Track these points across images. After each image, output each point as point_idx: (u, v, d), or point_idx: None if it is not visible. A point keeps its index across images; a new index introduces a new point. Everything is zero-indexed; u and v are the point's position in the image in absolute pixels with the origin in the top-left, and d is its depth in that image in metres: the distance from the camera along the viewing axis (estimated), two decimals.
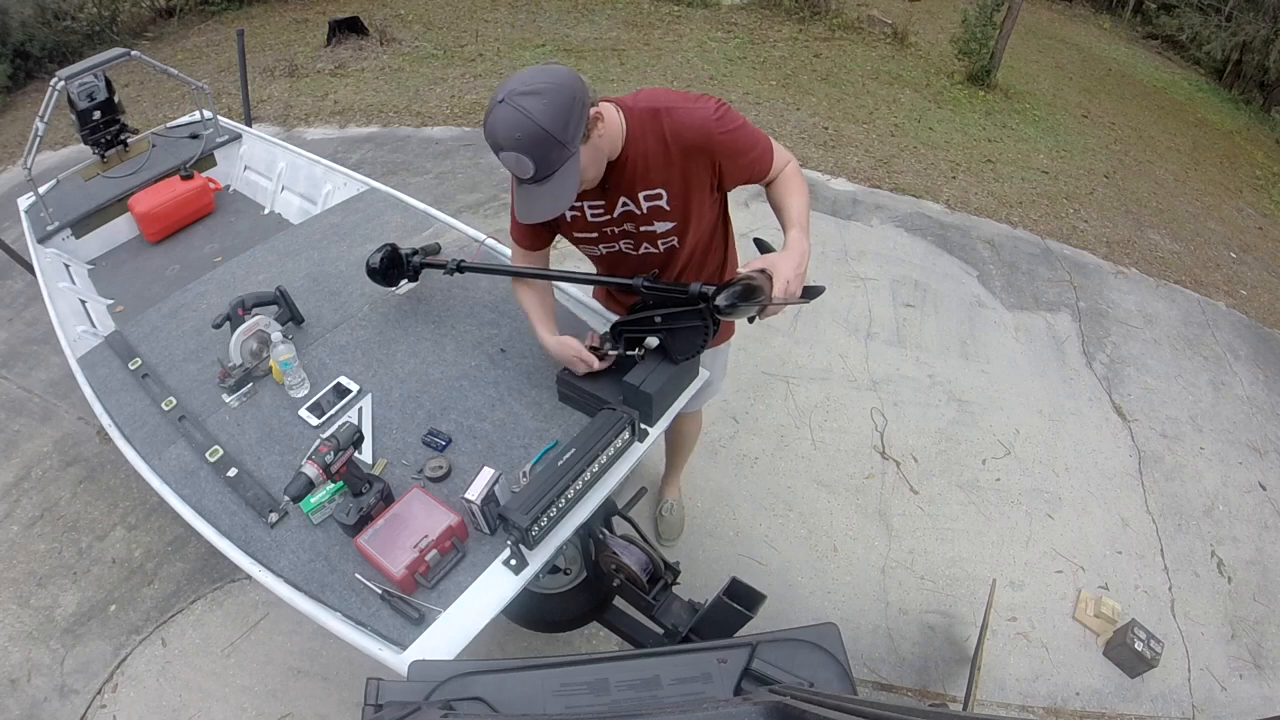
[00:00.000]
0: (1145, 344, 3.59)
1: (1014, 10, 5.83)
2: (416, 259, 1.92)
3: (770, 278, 1.27)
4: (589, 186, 1.37)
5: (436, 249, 2.06)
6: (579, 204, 1.45)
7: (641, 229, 1.47)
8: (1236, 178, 5.99)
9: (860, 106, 5.63)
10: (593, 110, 1.26)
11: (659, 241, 1.50)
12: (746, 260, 1.37)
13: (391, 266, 1.90)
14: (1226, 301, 4.06)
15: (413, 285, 2.05)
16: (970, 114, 5.80)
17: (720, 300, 1.29)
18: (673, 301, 1.45)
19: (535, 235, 1.58)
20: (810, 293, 1.32)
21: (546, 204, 1.27)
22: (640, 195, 1.41)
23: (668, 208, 1.43)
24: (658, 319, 1.49)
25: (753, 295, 1.27)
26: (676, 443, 2.41)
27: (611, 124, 1.32)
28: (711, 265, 1.68)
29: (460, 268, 1.80)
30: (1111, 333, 3.63)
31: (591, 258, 1.65)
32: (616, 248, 1.55)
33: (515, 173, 1.24)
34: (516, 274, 1.67)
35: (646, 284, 1.46)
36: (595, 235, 1.52)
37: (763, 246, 1.41)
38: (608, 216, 1.47)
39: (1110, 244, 4.36)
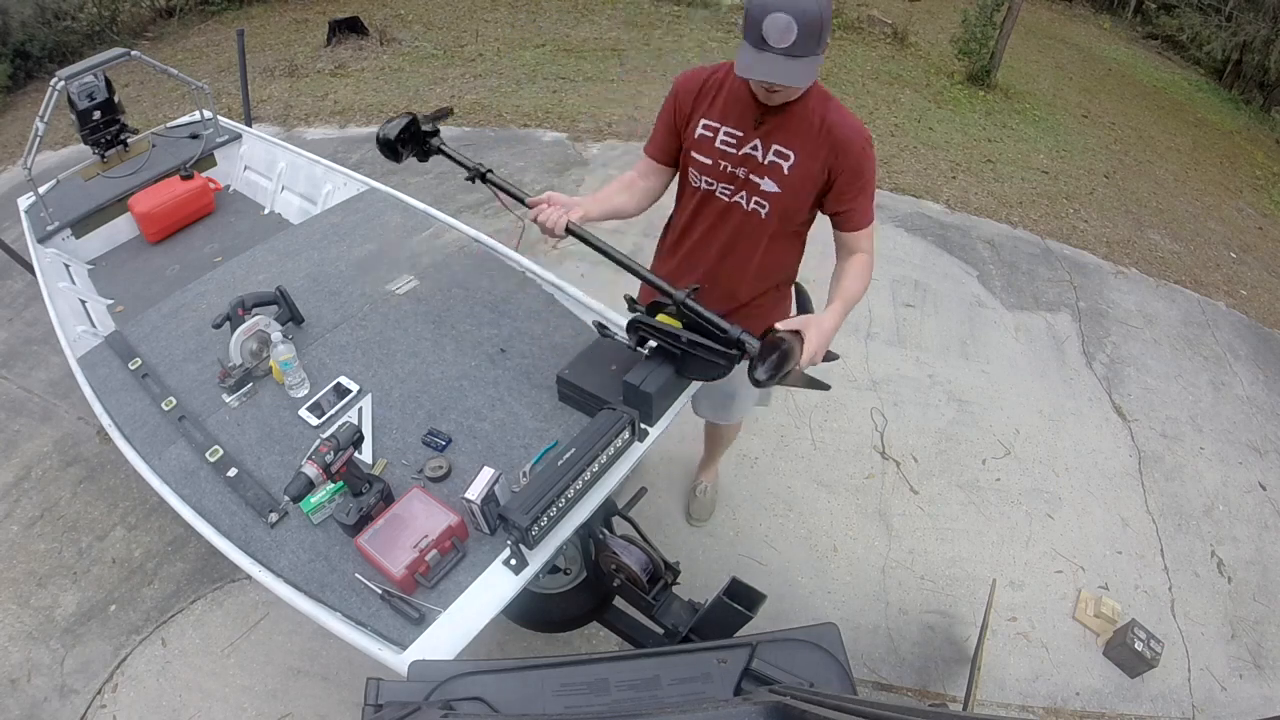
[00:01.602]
0: (1145, 344, 3.59)
1: (1014, 10, 5.83)
2: (435, 141, 1.76)
3: (801, 339, 1.32)
4: (780, 100, 1.41)
5: (449, 112, 1.91)
6: (720, 126, 1.50)
7: (750, 177, 1.50)
8: (1236, 178, 5.99)
9: (860, 106, 5.63)
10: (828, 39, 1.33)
11: (753, 199, 1.52)
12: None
13: (406, 142, 1.73)
14: (1226, 301, 4.06)
15: (413, 285, 2.05)
16: (970, 114, 5.80)
17: (759, 374, 1.31)
18: (708, 334, 1.45)
19: (663, 146, 1.61)
20: (817, 386, 1.45)
21: (791, 74, 1.29)
22: (774, 147, 1.46)
23: (787, 171, 1.47)
24: (684, 340, 1.48)
25: (785, 365, 1.30)
26: (713, 440, 2.49)
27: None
28: (761, 285, 1.71)
29: (485, 177, 1.67)
30: (1111, 333, 3.63)
31: (686, 187, 1.65)
32: (715, 188, 1.56)
33: (772, 37, 1.26)
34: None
35: (687, 303, 1.45)
36: (709, 162, 1.54)
37: (800, 294, 1.48)
38: (734, 151, 1.50)
39: (1110, 244, 4.36)
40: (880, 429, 2.97)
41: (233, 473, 1.57)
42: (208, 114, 3.00)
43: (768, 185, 1.49)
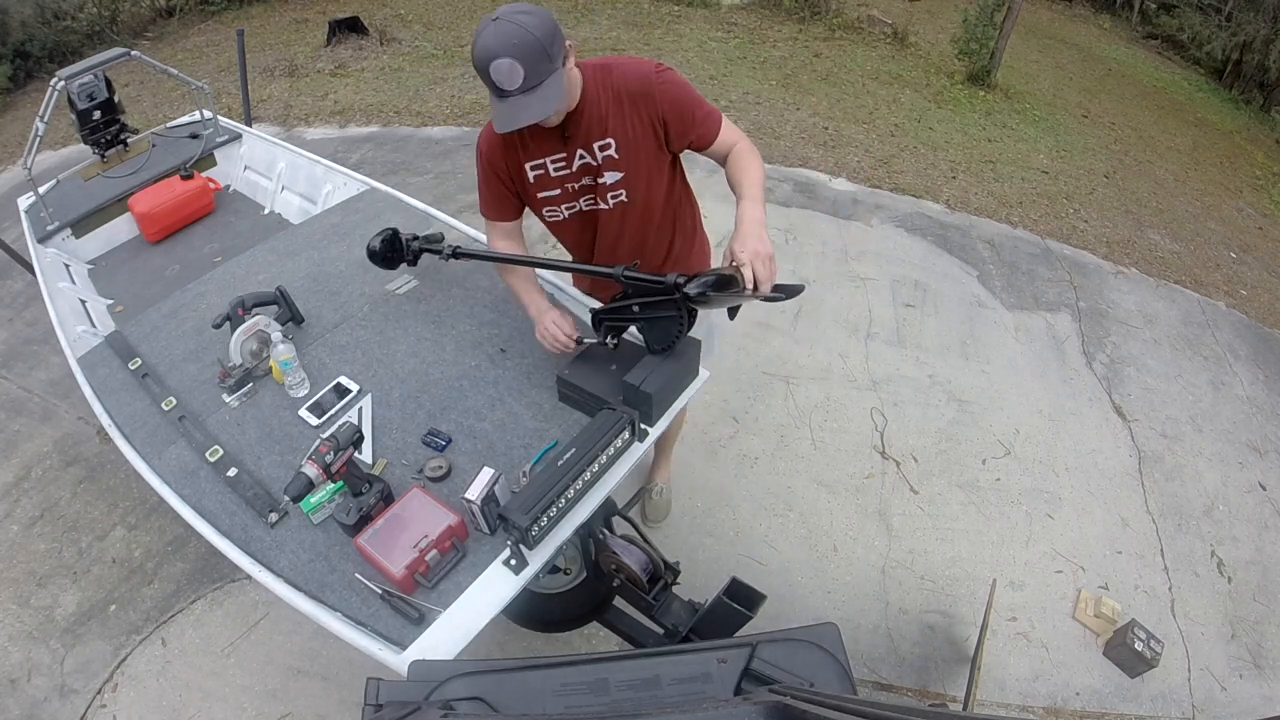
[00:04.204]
0: (1145, 344, 3.59)
1: (1014, 10, 5.83)
2: (416, 244, 1.94)
3: (738, 268, 1.29)
4: (556, 121, 1.42)
5: (440, 238, 2.05)
6: (543, 159, 1.51)
7: (598, 181, 1.52)
8: (1236, 178, 6.00)
9: (860, 106, 5.63)
10: (566, 43, 1.33)
11: (609, 195, 1.54)
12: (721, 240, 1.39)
13: (392, 250, 1.93)
14: (1226, 301, 4.06)
15: (413, 285, 2.05)
16: (970, 114, 5.80)
17: (691, 289, 1.32)
18: (649, 291, 1.47)
19: (506, 207, 1.65)
20: (789, 291, 1.34)
21: (536, 107, 1.30)
22: (595, 145, 1.48)
23: (617, 156, 1.49)
24: (635, 308, 1.51)
25: (726, 286, 1.28)
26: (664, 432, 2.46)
27: (573, 70, 1.40)
28: (681, 240, 1.73)
29: (456, 253, 1.81)
30: (1111, 333, 3.63)
31: (556, 226, 1.67)
32: (577, 207, 1.59)
33: (503, 82, 1.27)
34: (509, 261, 1.69)
35: (627, 274, 1.48)
36: (558, 193, 1.56)
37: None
38: (567, 170, 1.52)
39: (1110, 244, 4.37)
40: (880, 429, 2.97)
41: (233, 473, 1.57)
42: (208, 114, 3.00)
43: (612, 177, 1.51)
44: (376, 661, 1.24)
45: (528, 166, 1.53)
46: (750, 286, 1.27)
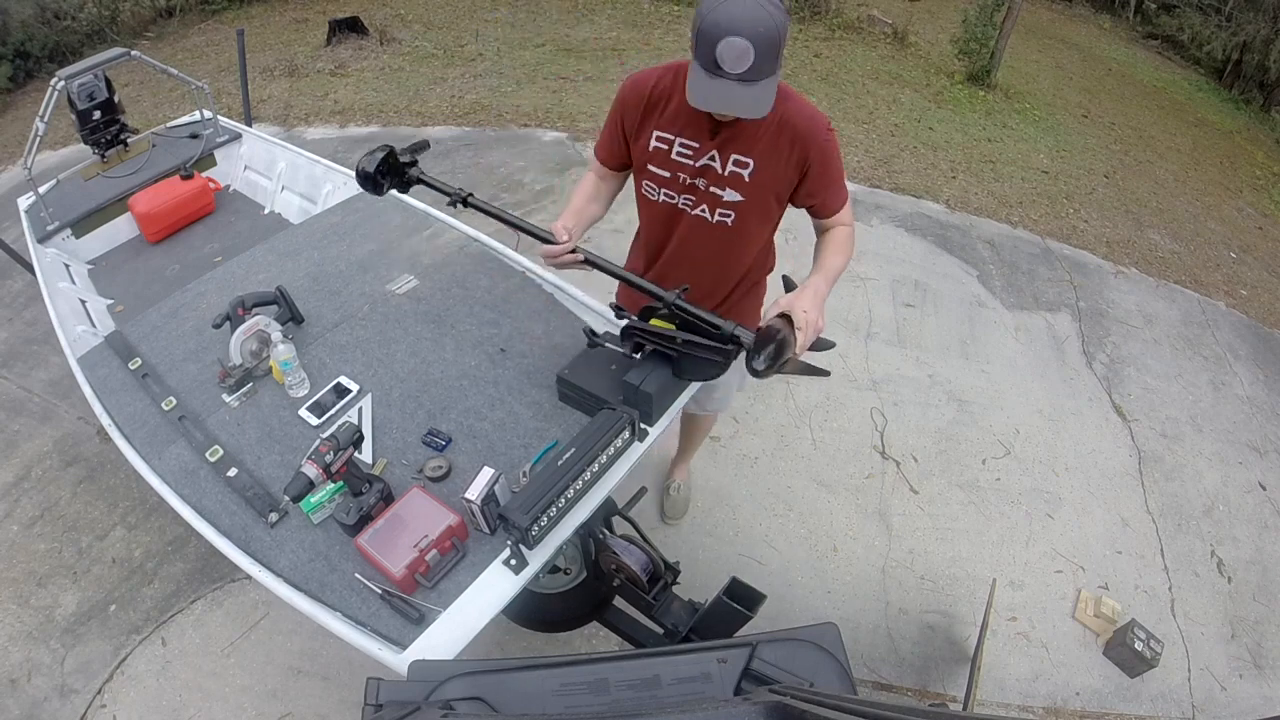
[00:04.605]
0: (1145, 344, 3.59)
1: (1014, 10, 5.83)
2: (414, 171, 1.72)
3: (789, 320, 1.29)
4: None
5: (425, 145, 1.84)
6: (675, 136, 1.45)
7: (711, 189, 1.47)
8: (1236, 178, 5.99)
9: (860, 106, 5.63)
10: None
11: (717, 210, 1.49)
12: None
13: (385, 174, 1.69)
14: (1226, 301, 4.06)
15: (413, 285, 2.05)
16: (970, 114, 5.80)
17: (758, 364, 1.27)
18: (699, 331, 1.43)
19: (613, 154, 1.58)
20: (820, 345, 1.37)
21: (749, 103, 1.24)
22: (731, 157, 1.42)
23: (748, 179, 1.43)
24: (679, 340, 1.46)
25: (783, 354, 1.28)
26: (689, 433, 2.49)
27: None
28: (745, 287, 1.71)
29: (467, 201, 1.64)
30: (1111, 333, 3.63)
31: (644, 200, 1.60)
32: (676, 200, 1.52)
33: (728, 62, 1.19)
34: (522, 227, 1.58)
35: (679, 304, 1.43)
36: (667, 175, 1.49)
37: (788, 285, 1.43)
38: (691, 163, 1.46)
39: (1110, 244, 4.37)
40: (880, 429, 2.97)
41: (233, 472, 1.57)
42: (208, 114, 3.00)
43: (730, 195, 1.45)
44: (376, 661, 1.24)
45: (655, 133, 1.46)
46: (798, 351, 1.28)
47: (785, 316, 1.31)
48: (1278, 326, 3.98)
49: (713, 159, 1.44)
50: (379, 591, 1.33)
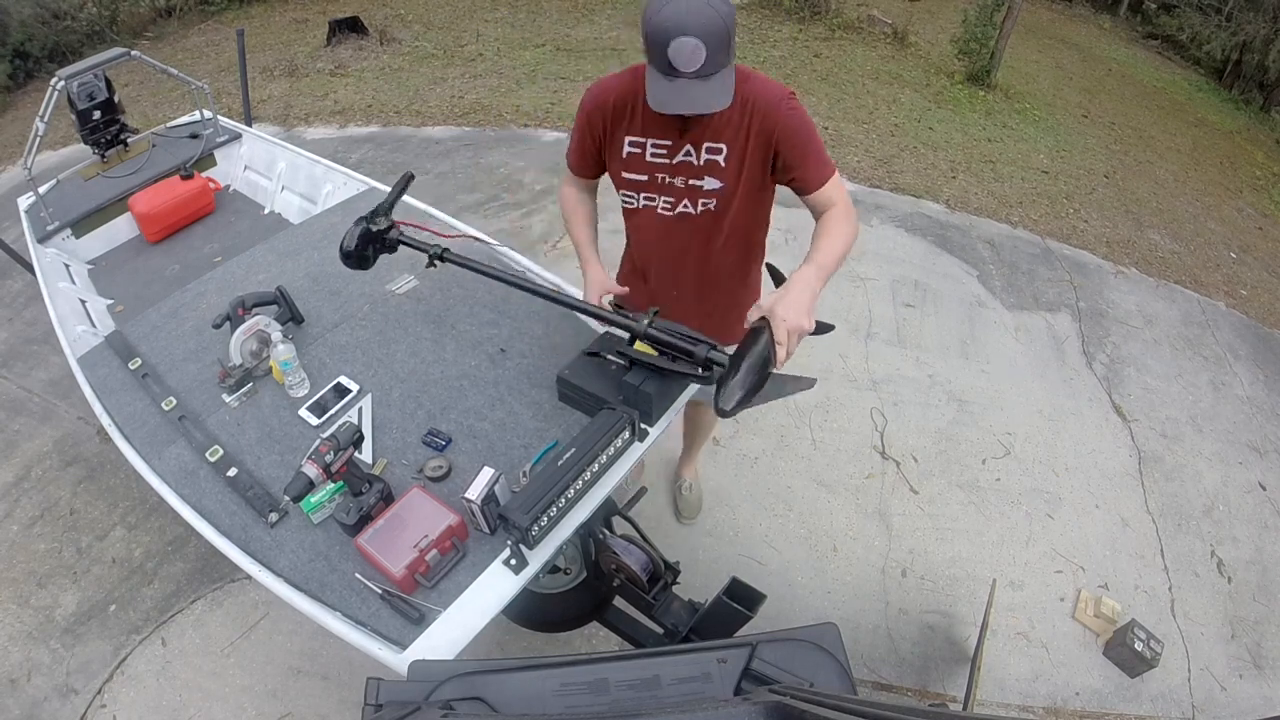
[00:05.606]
0: (1145, 344, 3.59)
1: (1014, 10, 5.84)
2: (393, 234, 1.76)
3: (769, 325, 1.22)
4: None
5: (410, 178, 1.90)
6: (646, 140, 1.46)
7: (690, 183, 1.47)
8: (1236, 178, 6.00)
9: (860, 106, 5.63)
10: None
11: (700, 201, 1.49)
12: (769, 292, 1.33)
13: (368, 244, 1.75)
14: (1226, 301, 4.06)
15: (413, 285, 2.05)
16: (970, 114, 5.80)
17: (724, 403, 1.20)
18: (675, 351, 1.41)
19: (586, 165, 1.60)
20: (820, 329, 1.31)
21: (707, 98, 1.25)
22: (704, 146, 1.42)
23: (723, 164, 1.44)
24: (661, 366, 1.46)
25: (762, 384, 1.21)
26: (693, 428, 2.47)
27: None
28: (734, 284, 1.69)
29: (443, 256, 1.68)
30: (1111, 333, 3.63)
31: (627, 211, 1.62)
32: (655, 202, 1.53)
33: (680, 63, 1.21)
34: (501, 279, 1.63)
35: (652, 330, 1.42)
36: (644, 179, 1.50)
37: (774, 274, 1.41)
38: (666, 161, 1.46)
39: (1110, 244, 4.37)
40: (880, 429, 2.97)
41: (233, 472, 1.57)
42: (208, 114, 3.00)
43: (710, 184, 1.46)
44: (376, 661, 1.24)
45: (626, 140, 1.47)
46: (778, 365, 1.22)
47: (763, 328, 1.24)
48: (1278, 326, 3.98)
49: (687, 153, 1.45)
50: (379, 591, 1.33)
